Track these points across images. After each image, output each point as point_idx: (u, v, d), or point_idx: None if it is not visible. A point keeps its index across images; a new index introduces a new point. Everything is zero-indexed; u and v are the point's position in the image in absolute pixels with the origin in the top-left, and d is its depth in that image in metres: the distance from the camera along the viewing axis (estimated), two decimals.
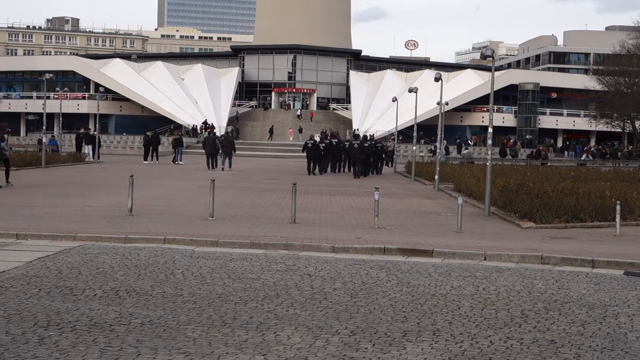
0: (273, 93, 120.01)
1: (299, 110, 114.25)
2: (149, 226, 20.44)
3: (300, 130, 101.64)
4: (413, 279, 14.13)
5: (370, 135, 79.97)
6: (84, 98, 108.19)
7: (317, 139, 56.20)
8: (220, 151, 53.65)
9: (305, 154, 51.20)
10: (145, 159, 60.34)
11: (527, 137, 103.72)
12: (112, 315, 10.65)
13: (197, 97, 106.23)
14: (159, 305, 11.41)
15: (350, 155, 51.19)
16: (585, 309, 12.00)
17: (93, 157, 59.98)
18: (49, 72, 63.33)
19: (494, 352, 9.37)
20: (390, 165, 62.18)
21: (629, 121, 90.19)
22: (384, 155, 57.19)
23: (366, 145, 50.04)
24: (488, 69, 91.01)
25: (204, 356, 8.89)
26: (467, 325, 10.68)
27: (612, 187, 29.49)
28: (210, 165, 52.63)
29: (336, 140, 56.77)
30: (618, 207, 22.46)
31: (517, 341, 9.91)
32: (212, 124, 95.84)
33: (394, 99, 66.18)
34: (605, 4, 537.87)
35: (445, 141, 53.66)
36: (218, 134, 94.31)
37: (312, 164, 50.25)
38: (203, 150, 56.91)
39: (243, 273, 14.17)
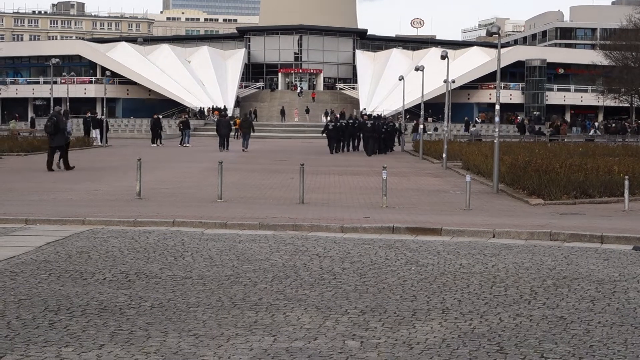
0: (279, 74, 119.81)
1: (299, 89, 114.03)
2: (158, 209, 20.47)
3: (307, 111, 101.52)
4: (422, 257, 14.15)
5: (378, 114, 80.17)
6: (90, 82, 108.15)
7: (324, 119, 58.53)
8: (236, 133, 54.41)
9: (325, 135, 54.31)
10: (153, 142, 60.41)
11: (535, 113, 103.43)
12: (122, 299, 10.69)
13: (204, 80, 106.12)
14: (169, 288, 11.44)
15: (364, 134, 53.09)
16: (594, 284, 12.01)
17: (101, 141, 60.01)
18: (55, 57, 63.47)
19: (503, 329, 9.38)
20: (398, 144, 62.18)
21: (636, 96, 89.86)
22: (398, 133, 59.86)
23: (378, 124, 53.49)
24: (494, 46, 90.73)
25: (214, 338, 8.93)
26: (476, 303, 10.69)
27: (620, 162, 29.42)
28: (225, 147, 53.17)
29: (352, 120, 58.87)
30: (626, 182, 22.44)
31: (527, 318, 9.93)
32: (224, 106, 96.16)
33: (401, 78, 66.06)
34: None
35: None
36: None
37: (334, 144, 52.97)
38: (211, 133, 57.25)
39: (252, 254, 14.20)
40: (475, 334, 9.19)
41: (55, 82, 67.25)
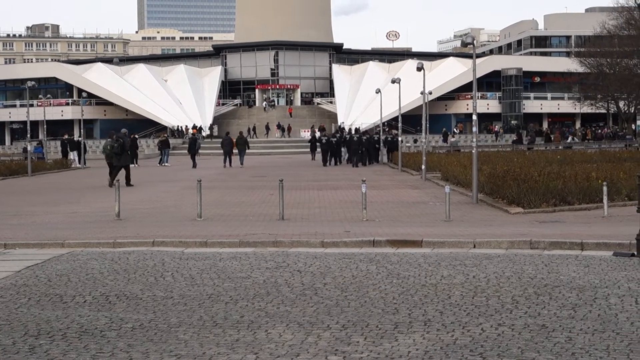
0: (257, 90, 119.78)
1: (265, 104, 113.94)
2: (138, 229, 20.39)
3: (279, 126, 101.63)
4: (403, 270, 14.13)
5: (357, 128, 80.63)
6: (67, 104, 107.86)
7: (318, 134, 63.35)
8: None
9: (310, 148, 61.45)
10: (132, 162, 60.21)
11: (513, 122, 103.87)
12: (102, 321, 10.62)
13: (181, 98, 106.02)
14: (150, 308, 11.39)
15: (351, 147, 56.52)
16: (575, 292, 12.02)
17: (79, 163, 59.84)
18: (31, 79, 63.16)
19: (485, 340, 9.38)
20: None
21: (612, 102, 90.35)
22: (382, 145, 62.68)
23: (364, 138, 57.60)
24: (470, 56, 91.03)
25: (196, 358, 8.87)
26: (458, 314, 10.69)
27: (598, 168, 29.56)
28: (228, 163, 55.69)
29: (348, 135, 63.36)
30: (605, 188, 22.52)
31: (509, 327, 9.92)
32: (210, 125, 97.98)
33: (378, 91, 66.19)
34: None
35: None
36: (203, 133, 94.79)
37: (326, 157, 56.56)
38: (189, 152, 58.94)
39: (233, 272, 14.16)
40: (458, 345, 9.18)
41: (31, 105, 66.98)
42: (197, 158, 56.88)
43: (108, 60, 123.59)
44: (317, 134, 70.68)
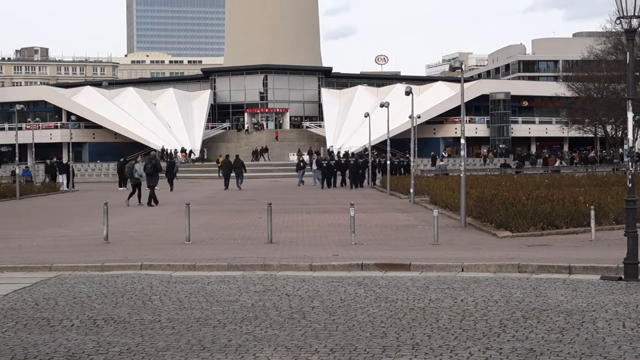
0: (246, 114, 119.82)
1: (246, 127, 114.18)
2: (126, 253, 20.36)
3: (266, 150, 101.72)
4: (391, 293, 14.13)
5: (346, 151, 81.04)
6: (56, 127, 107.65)
7: (306, 157, 65.00)
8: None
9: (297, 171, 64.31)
10: (120, 186, 60.09)
11: (501, 146, 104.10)
12: (89, 345, 10.58)
13: (170, 121, 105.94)
14: (137, 332, 11.35)
15: (349, 169, 59.15)
16: (563, 315, 12.04)
17: (68, 186, 59.69)
18: (19, 103, 63.14)
19: None
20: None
21: (600, 126, 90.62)
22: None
23: (360, 161, 60.83)
24: (459, 81, 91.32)
25: None
26: (446, 338, 10.69)
27: (586, 192, 29.63)
28: (226, 185, 56.73)
29: (338, 159, 65.76)
30: (592, 212, 22.58)
31: (496, 351, 9.93)
32: (201, 147, 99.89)
33: (366, 115, 66.28)
34: (571, 12, 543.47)
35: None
36: (193, 157, 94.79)
37: (325, 179, 58.27)
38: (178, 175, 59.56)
39: (221, 296, 14.14)
40: None
41: (20, 129, 66.87)
42: (174, 181, 57.34)
43: (97, 84, 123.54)
44: (305, 157, 71.80)
